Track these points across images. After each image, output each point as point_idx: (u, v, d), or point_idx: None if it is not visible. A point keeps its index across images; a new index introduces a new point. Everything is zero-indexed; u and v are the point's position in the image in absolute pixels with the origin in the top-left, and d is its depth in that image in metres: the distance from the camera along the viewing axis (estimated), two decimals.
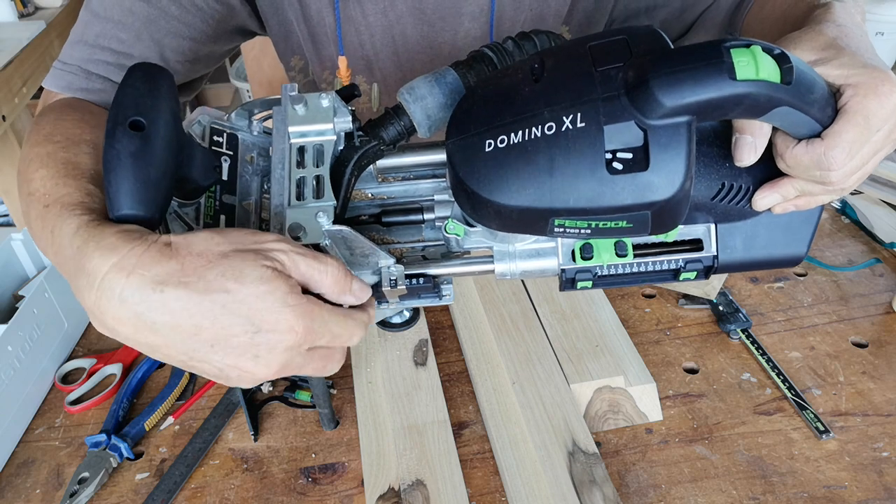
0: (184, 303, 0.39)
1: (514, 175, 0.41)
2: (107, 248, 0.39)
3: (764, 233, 0.50)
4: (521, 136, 0.41)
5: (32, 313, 0.77)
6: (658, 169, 0.38)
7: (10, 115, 1.78)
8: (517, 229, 0.45)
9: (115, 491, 0.68)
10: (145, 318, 0.39)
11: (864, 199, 1.03)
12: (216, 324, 0.39)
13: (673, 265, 0.50)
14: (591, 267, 0.50)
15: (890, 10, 1.47)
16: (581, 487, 0.63)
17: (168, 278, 0.39)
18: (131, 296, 0.39)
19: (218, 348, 0.40)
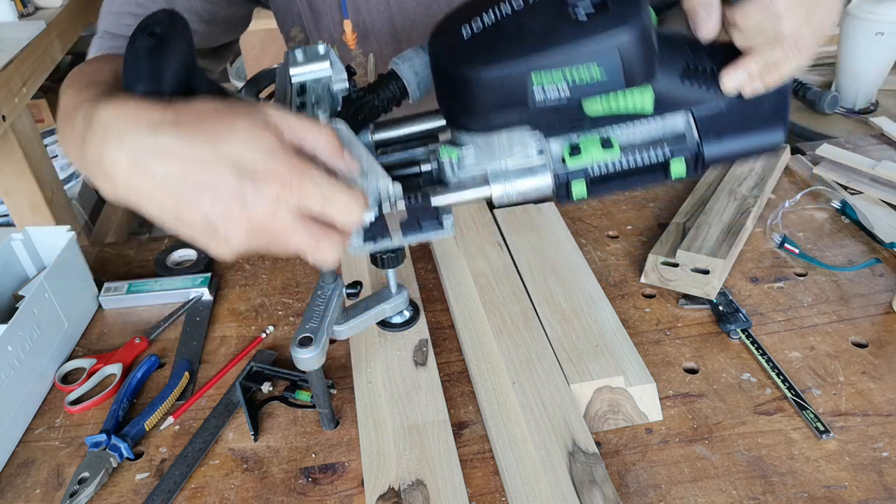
0: (176, 145, 0.40)
1: (490, 48, 0.45)
2: (112, 103, 0.43)
3: (741, 120, 0.51)
4: (493, 17, 0.46)
5: (32, 313, 0.77)
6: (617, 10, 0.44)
7: (10, 115, 1.78)
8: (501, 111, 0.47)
9: (115, 491, 0.68)
10: (140, 159, 0.41)
11: (864, 199, 1.03)
12: (206, 167, 0.40)
13: (660, 156, 0.52)
14: (583, 167, 0.51)
15: (890, 10, 1.47)
16: (581, 487, 0.63)
17: (163, 123, 0.41)
18: (129, 137, 0.41)
19: (206, 193, 0.41)
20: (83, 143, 0.44)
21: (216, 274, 0.96)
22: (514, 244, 0.94)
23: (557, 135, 0.51)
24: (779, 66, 0.48)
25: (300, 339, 0.67)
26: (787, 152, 1.10)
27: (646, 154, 0.52)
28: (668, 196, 1.07)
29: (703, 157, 0.52)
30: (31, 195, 1.94)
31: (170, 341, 0.86)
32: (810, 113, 1.66)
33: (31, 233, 0.89)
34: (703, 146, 0.51)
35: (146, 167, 0.41)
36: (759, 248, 0.95)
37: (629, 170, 0.52)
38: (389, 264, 0.75)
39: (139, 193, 0.43)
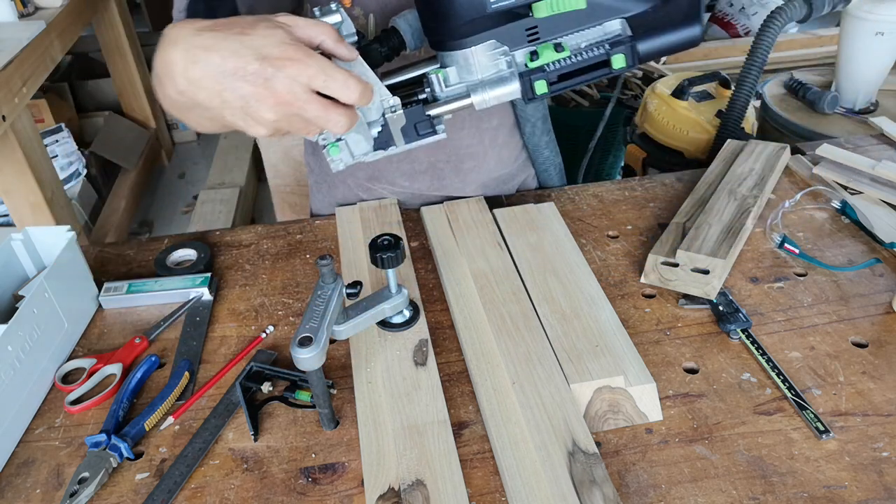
0: (215, 41, 0.55)
1: None
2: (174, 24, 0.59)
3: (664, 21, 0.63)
4: None
5: (32, 313, 0.77)
6: None
7: (10, 115, 1.78)
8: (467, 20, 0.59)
9: (115, 491, 0.68)
10: (189, 54, 0.56)
11: (864, 199, 1.03)
12: (237, 56, 0.54)
13: (603, 53, 0.63)
14: (541, 67, 0.63)
15: (890, 10, 1.47)
16: (581, 487, 0.63)
17: (204, 28, 0.56)
18: (181, 39, 0.56)
19: (238, 75, 0.54)
20: (154, 60, 0.60)
21: (216, 274, 0.96)
22: (514, 244, 0.94)
23: (520, 46, 0.63)
24: None
25: (300, 339, 0.67)
26: (787, 152, 1.10)
27: (591, 52, 0.63)
28: (668, 196, 1.07)
29: (637, 51, 0.63)
30: (31, 195, 1.94)
31: (170, 341, 0.86)
32: (810, 113, 1.66)
33: (31, 233, 0.89)
34: (637, 43, 0.63)
35: (195, 59, 0.56)
36: (759, 248, 0.95)
37: (579, 67, 0.63)
38: (389, 264, 0.75)
39: (193, 83, 0.57)
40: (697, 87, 1.70)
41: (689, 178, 1.12)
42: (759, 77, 1.45)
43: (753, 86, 1.45)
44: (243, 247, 1.02)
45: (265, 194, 2.87)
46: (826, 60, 2.84)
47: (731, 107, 1.48)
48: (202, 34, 0.56)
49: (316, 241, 1.02)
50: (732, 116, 1.48)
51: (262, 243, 1.02)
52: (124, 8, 2.91)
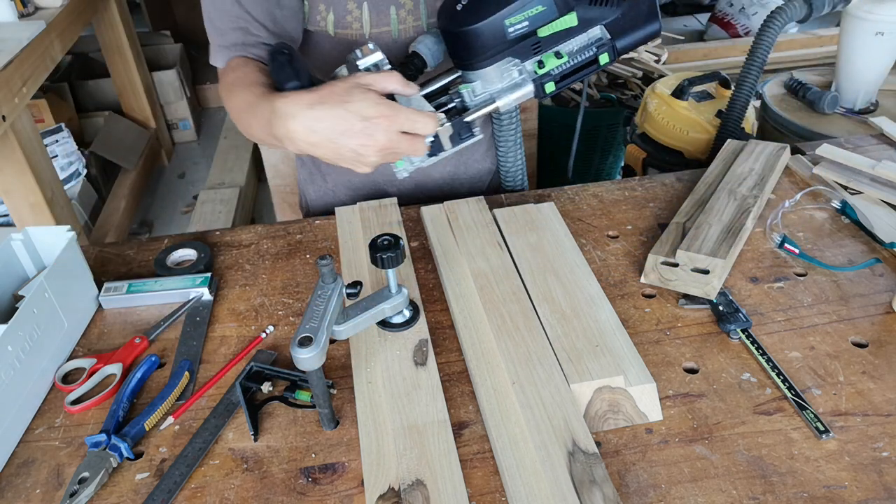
0: (325, 112, 0.70)
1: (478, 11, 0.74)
2: (282, 97, 0.72)
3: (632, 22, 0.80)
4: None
5: (32, 313, 0.77)
6: None
7: (10, 115, 1.78)
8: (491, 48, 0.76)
9: (115, 491, 0.68)
10: (308, 125, 0.71)
11: (864, 199, 1.03)
12: (344, 120, 0.70)
13: (591, 54, 0.80)
14: (548, 72, 0.79)
15: (890, 10, 1.47)
16: (581, 487, 0.63)
17: (314, 102, 0.70)
18: (300, 114, 0.71)
19: (350, 136, 0.70)
20: (271, 125, 0.74)
21: (216, 274, 0.96)
22: (514, 244, 0.94)
23: (528, 58, 0.78)
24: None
25: (300, 339, 0.67)
26: (787, 152, 1.10)
27: (583, 55, 0.80)
28: (668, 196, 1.07)
29: (616, 48, 0.80)
30: (31, 195, 1.94)
31: (170, 341, 0.86)
32: (810, 113, 1.67)
33: (31, 233, 0.89)
34: (615, 41, 0.80)
35: (313, 129, 0.71)
36: (759, 248, 0.95)
37: (576, 67, 0.80)
38: (389, 264, 0.75)
39: (312, 145, 0.72)
40: (697, 87, 1.70)
41: (689, 178, 1.12)
42: (759, 77, 1.45)
43: (753, 86, 1.45)
44: (243, 247, 1.02)
45: (265, 194, 2.87)
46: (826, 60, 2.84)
47: (731, 107, 1.48)
48: (314, 108, 0.70)
49: (316, 241, 1.02)
50: (732, 116, 1.48)
51: (262, 243, 1.02)
52: (124, 8, 2.91)
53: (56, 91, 2.95)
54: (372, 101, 0.70)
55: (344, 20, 0.95)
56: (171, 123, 3.39)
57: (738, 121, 1.47)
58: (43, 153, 2.02)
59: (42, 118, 2.68)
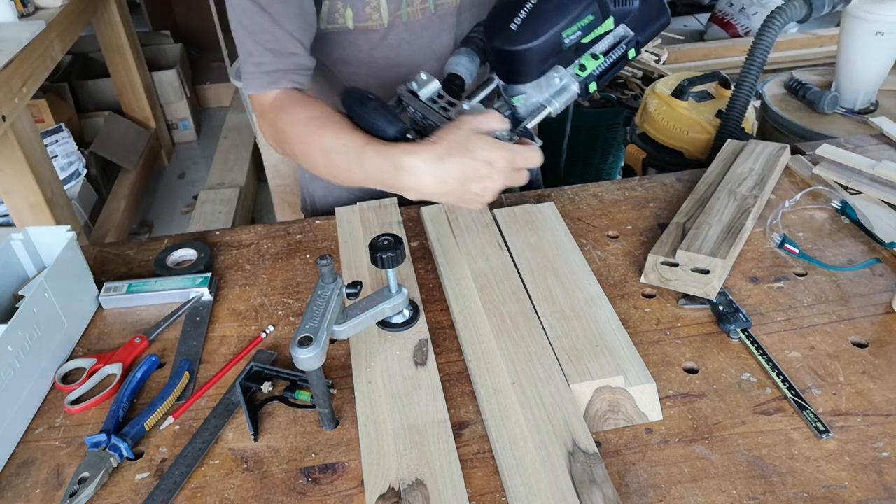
0: (454, 163, 0.74)
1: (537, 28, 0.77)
2: (407, 152, 0.76)
3: (647, 17, 0.84)
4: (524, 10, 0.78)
5: (32, 313, 0.77)
6: None
7: (10, 115, 1.78)
8: (549, 58, 0.80)
9: (115, 491, 0.68)
10: (439, 178, 0.75)
11: (864, 199, 1.03)
12: (471, 168, 0.74)
13: (621, 50, 0.83)
14: (590, 73, 0.82)
15: (890, 10, 1.47)
16: (581, 487, 0.63)
17: (442, 155, 0.74)
18: (432, 169, 0.75)
19: (476, 181, 0.75)
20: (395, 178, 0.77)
21: (216, 274, 0.96)
22: (514, 244, 0.94)
23: (570, 63, 0.82)
24: None
25: (300, 339, 0.67)
26: (787, 152, 1.10)
27: (615, 53, 0.83)
28: (668, 196, 1.07)
29: (640, 42, 0.84)
30: (31, 195, 1.94)
31: (170, 341, 0.86)
32: (810, 113, 1.67)
33: (31, 233, 0.89)
34: (638, 36, 0.84)
35: (444, 180, 0.75)
36: (759, 248, 0.95)
37: (611, 65, 0.83)
38: (389, 264, 0.75)
39: (438, 194, 0.77)
40: (697, 87, 1.70)
41: (689, 178, 1.12)
42: (759, 77, 1.45)
43: (753, 86, 1.45)
44: (243, 247, 1.02)
45: (265, 194, 2.87)
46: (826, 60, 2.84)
47: (731, 107, 1.48)
48: (444, 161, 0.74)
49: (316, 241, 1.02)
50: (732, 116, 1.48)
51: (262, 243, 1.02)
52: (124, 8, 2.91)
53: (56, 91, 2.95)
54: (491, 145, 0.75)
55: (363, 13, 0.95)
56: (171, 123, 3.40)
57: (738, 121, 1.47)
58: (43, 153, 2.02)
59: (42, 118, 2.68)
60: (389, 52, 1.01)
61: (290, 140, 0.89)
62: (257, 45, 0.90)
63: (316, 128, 0.85)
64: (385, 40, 0.99)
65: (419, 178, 0.76)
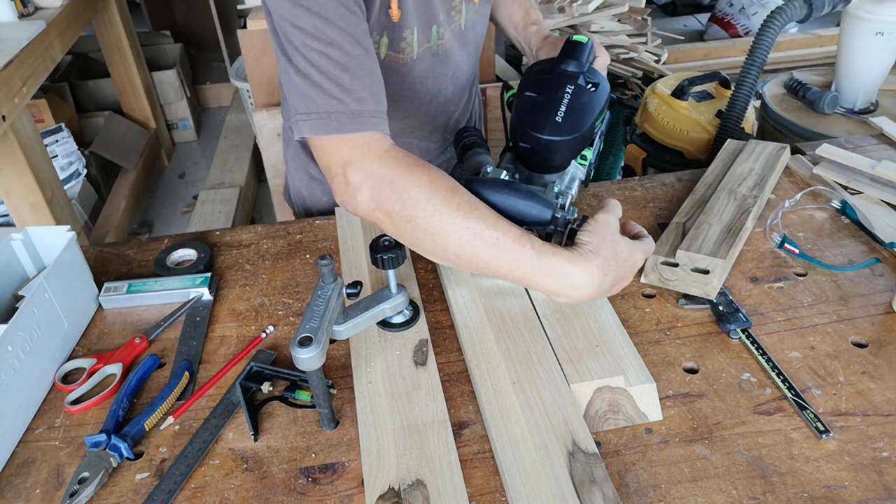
0: (613, 275, 0.75)
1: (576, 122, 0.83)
2: (574, 261, 0.73)
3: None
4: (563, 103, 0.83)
5: (32, 313, 0.77)
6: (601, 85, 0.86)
7: (10, 115, 1.78)
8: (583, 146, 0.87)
9: (115, 491, 0.68)
10: (599, 289, 0.75)
11: (864, 199, 1.03)
12: (623, 276, 0.77)
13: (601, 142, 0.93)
14: (590, 162, 0.90)
15: (890, 10, 1.47)
16: (581, 487, 0.63)
17: (606, 270, 0.74)
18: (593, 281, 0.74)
19: (622, 283, 0.78)
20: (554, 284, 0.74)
21: (216, 274, 0.96)
22: None
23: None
24: None
25: (300, 339, 0.67)
26: (787, 152, 1.10)
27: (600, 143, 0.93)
28: (668, 196, 1.07)
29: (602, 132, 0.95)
30: (31, 195, 1.94)
31: (170, 341, 0.86)
32: (810, 113, 1.67)
33: (31, 233, 0.89)
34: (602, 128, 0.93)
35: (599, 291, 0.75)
36: (759, 248, 0.95)
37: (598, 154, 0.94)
38: (390, 265, 0.75)
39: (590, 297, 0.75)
40: (697, 87, 1.70)
41: (689, 178, 1.12)
42: (759, 77, 1.45)
43: (753, 86, 1.45)
44: (243, 247, 1.02)
45: (265, 194, 2.87)
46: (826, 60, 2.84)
47: (731, 107, 1.48)
48: (606, 275, 0.74)
49: (316, 241, 1.02)
50: (732, 116, 1.48)
51: (262, 243, 1.02)
52: (124, 8, 2.91)
53: (56, 91, 2.96)
54: (633, 250, 0.78)
55: (398, 45, 0.95)
56: (171, 123, 3.40)
57: (738, 121, 1.47)
58: (43, 153, 2.02)
59: (42, 118, 2.68)
60: (416, 83, 1.01)
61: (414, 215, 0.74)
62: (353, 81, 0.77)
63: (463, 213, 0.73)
64: (413, 72, 0.99)
65: (579, 291, 0.74)
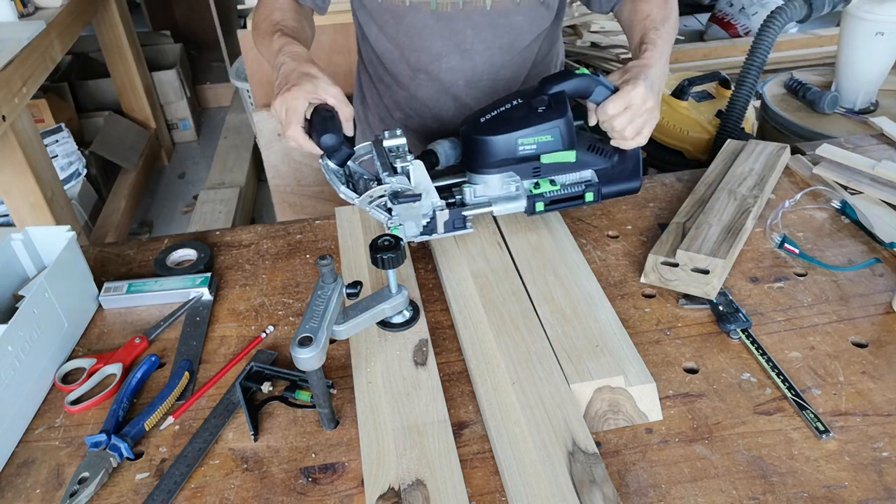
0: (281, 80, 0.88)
1: (498, 126, 0.89)
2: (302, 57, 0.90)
3: (618, 175, 0.95)
4: (496, 112, 0.90)
5: (32, 313, 0.77)
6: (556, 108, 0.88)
7: (10, 115, 1.78)
8: (500, 159, 0.90)
9: (115, 491, 0.68)
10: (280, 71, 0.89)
11: (864, 199, 1.03)
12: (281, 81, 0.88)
13: (580, 190, 0.94)
14: (541, 194, 0.92)
15: (890, 10, 1.47)
16: (581, 487, 0.63)
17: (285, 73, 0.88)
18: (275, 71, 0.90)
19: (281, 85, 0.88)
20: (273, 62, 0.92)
21: (216, 274, 0.96)
22: (514, 244, 0.94)
23: (528, 178, 0.92)
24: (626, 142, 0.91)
25: (300, 339, 0.67)
26: (787, 152, 1.10)
27: (572, 189, 0.94)
28: (667, 196, 1.07)
29: (601, 192, 0.94)
30: (31, 195, 1.94)
31: (170, 341, 0.86)
32: (810, 113, 1.67)
33: (31, 233, 0.89)
34: (601, 186, 0.94)
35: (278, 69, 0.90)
36: (759, 248, 0.95)
37: (564, 197, 0.94)
38: (390, 264, 0.75)
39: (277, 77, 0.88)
40: (697, 87, 1.70)
41: (689, 178, 1.12)
42: (759, 77, 1.45)
43: (753, 86, 1.45)
44: (243, 247, 1.02)
45: (265, 194, 2.87)
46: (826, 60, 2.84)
47: (731, 107, 1.49)
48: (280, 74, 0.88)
49: (316, 241, 1.02)
50: (732, 116, 1.48)
51: (262, 243, 1.02)
52: (124, 8, 2.90)
53: (56, 91, 2.95)
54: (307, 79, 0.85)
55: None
56: (171, 123, 3.39)
57: (738, 121, 1.47)
58: (43, 153, 2.02)
59: (42, 118, 2.68)
60: (412, 33, 1.03)
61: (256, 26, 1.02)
62: None
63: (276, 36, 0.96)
64: (406, 19, 1.02)
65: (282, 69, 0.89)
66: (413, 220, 0.90)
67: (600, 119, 0.89)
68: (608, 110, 0.87)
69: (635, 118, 0.88)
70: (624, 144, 0.91)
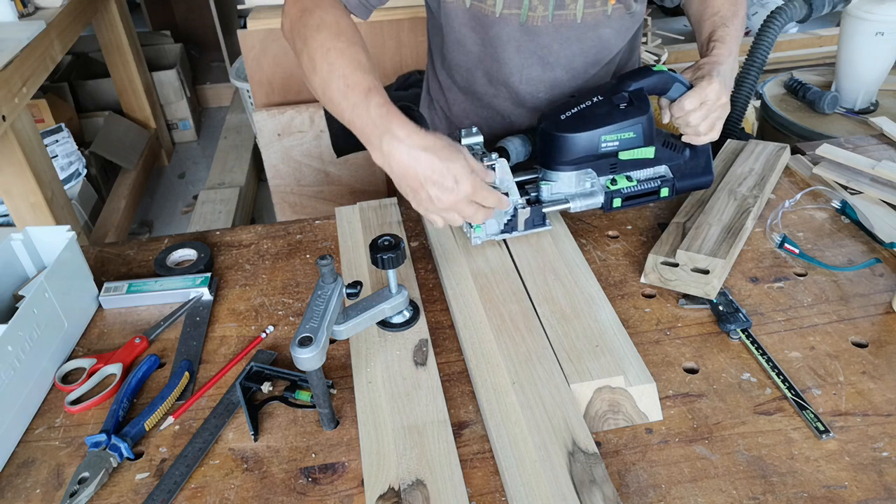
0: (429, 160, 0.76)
1: (579, 123, 0.89)
2: (402, 124, 0.76)
3: (691, 170, 0.96)
4: (577, 109, 0.90)
5: (32, 313, 0.77)
6: (638, 104, 0.89)
7: (10, 115, 1.78)
8: (581, 156, 0.90)
9: (115, 491, 0.68)
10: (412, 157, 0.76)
11: (864, 199, 1.03)
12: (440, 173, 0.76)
13: (655, 184, 0.94)
14: (618, 190, 0.93)
15: (890, 10, 1.47)
16: (581, 487, 0.63)
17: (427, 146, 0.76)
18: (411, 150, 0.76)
19: (436, 186, 0.76)
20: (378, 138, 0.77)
21: (216, 274, 0.96)
22: (514, 244, 0.94)
23: (604, 174, 0.93)
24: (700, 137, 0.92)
25: (300, 339, 0.67)
26: (787, 152, 1.10)
27: (649, 184, 0.94)
28: None
29: (676, 187, 0.96)
30: (31, 195, 1.94)
31: (170, 341, 0.86)
32: (810, 113, 1.67)
33: (31, 233, 0.89)
34: (676, 182, 0.95)
35: (412, 167, 0.76)
36: (759, 248, 0.95)
37: (640, 192, 0.94)
38: (390, 264, 0.75)
39: (400, 173, 0.77)
40: None
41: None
42: (759, 77, 1.45)
43: (753, 86, 1.45)
44: (243, 247, 1.02)
45: (265, 194, 2.87)
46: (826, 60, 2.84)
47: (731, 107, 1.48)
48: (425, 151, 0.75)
49: (316, 241, 1.02)
50: (732, 116, 1.48)
51: (262, 243, 1.02)
52: (124, 8, 2.90)
53: (56, 91, 2.95)
54: (466, 169, 0.77)
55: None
56: (171, 123, 3.39)
57: (738, 121, 1.47)
58: (43, 153, 2.02)
59: (42, 118, 2.68)
60: (497, 44, 1.02)
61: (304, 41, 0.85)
62: None
63: (337, 51, 0.82)
64: (493, 30, 1.00)
65: (395, 149, 0.76)
66: (495, 218, 0.91)
67: (675, 115, 0.90)
68: (685, 106, 0.88)
69: (710, 114, 0.89)
70: (696, 140, 0.92)
